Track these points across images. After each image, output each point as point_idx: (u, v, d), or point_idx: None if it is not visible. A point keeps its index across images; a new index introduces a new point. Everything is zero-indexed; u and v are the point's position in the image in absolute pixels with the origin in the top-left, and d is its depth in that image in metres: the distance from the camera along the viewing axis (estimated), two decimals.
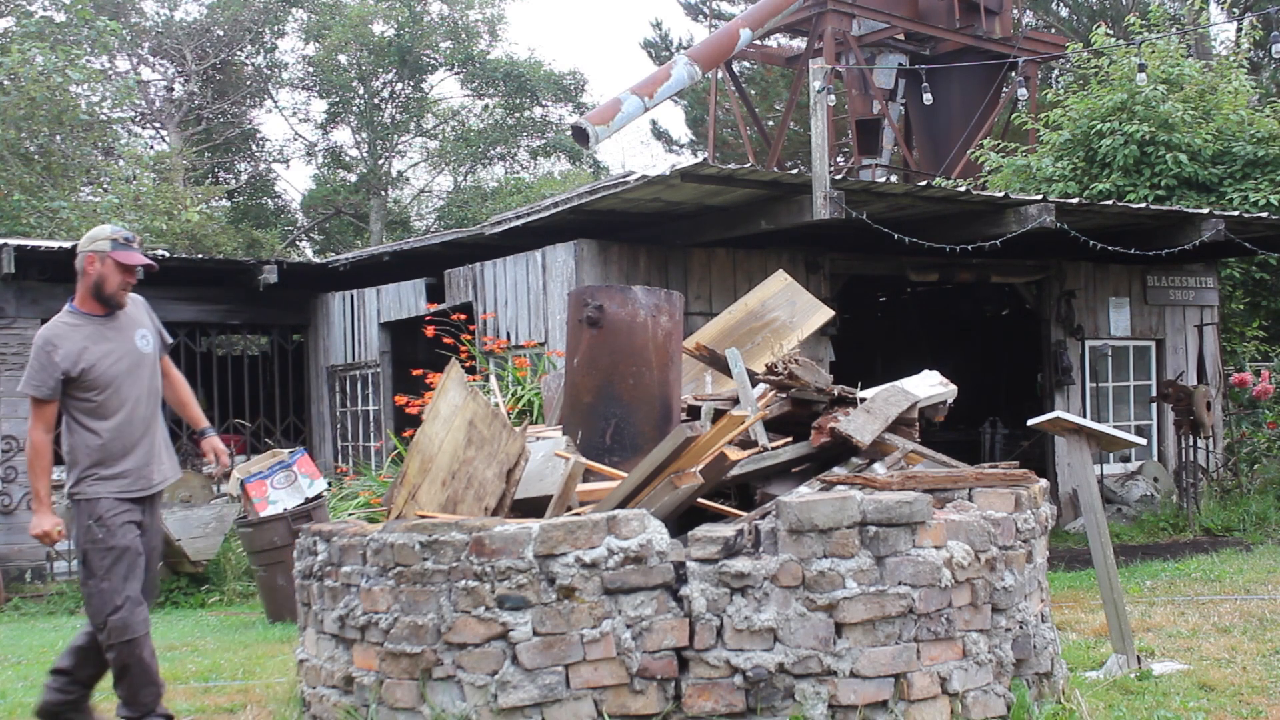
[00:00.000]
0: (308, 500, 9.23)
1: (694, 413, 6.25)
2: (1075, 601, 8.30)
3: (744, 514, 5.26)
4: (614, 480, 5.19)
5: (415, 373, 10.68)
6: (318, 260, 17.71)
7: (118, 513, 5.11)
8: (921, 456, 5.78)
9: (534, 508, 5.12)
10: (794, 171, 9.82)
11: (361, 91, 30.14)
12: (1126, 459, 13.69)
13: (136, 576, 5.11)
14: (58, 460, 5.21)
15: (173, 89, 28.43)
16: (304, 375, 14.20)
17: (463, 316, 11.06)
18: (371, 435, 13.11)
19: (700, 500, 5.25)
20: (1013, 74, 19.41)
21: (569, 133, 18.15)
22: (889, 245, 10.31)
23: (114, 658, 5.07)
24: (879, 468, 5.57)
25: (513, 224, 10.42)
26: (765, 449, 5.81)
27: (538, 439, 5.61)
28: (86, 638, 5.24)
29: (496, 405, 5.68)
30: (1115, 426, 10.80)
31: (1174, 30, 17.20)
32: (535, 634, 4.43)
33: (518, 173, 32.55)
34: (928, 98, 15.88)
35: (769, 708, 4.38)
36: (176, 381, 5.61)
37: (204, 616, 9.83)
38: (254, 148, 31.62)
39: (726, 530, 4.59)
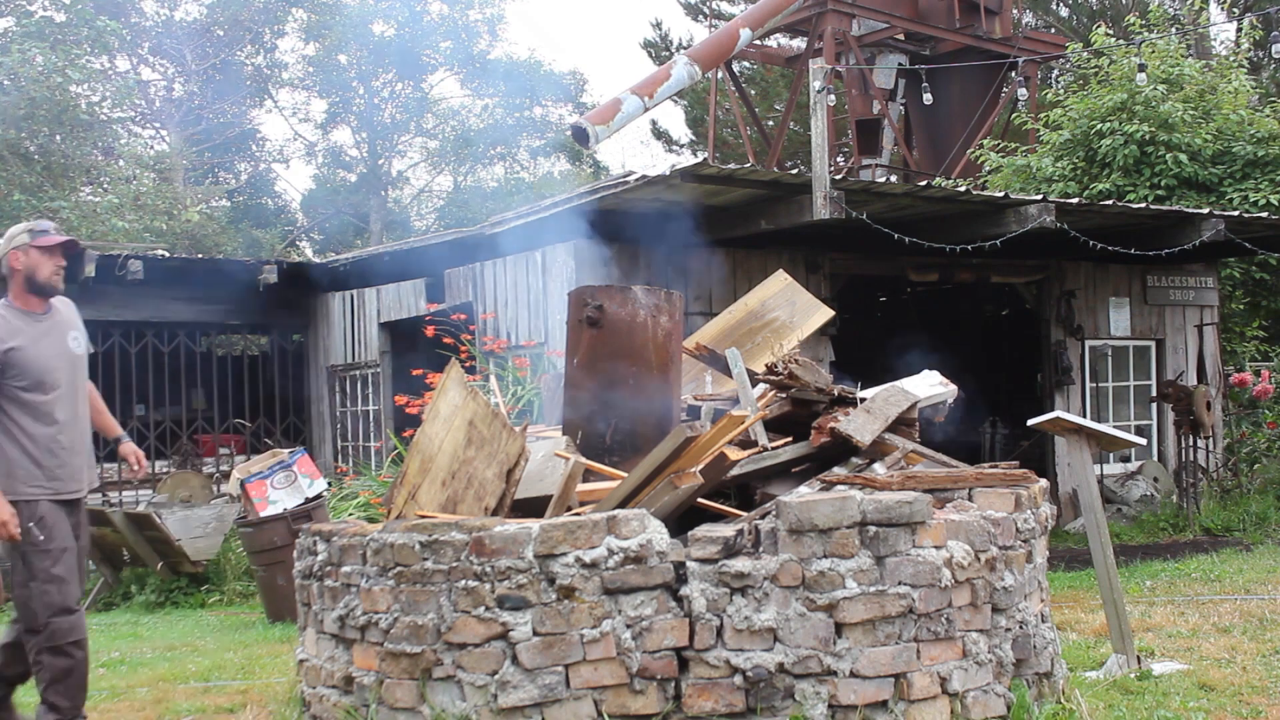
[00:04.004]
0: (308, 500, 9.24)
1: (694, 413, 6.25)
2: (1075, 601, 8.30)
3: (744, 514, 5.26)
4: (614, 480, 5.19)
5: (415, 373, 10.68)
6: (318, 260, 17.70)
7: (58, 515, 5.07)
8: (921, 456, 5.77)
9: (534, 508, 5.11)
10: (794, 171, 9.81)
11: (361, 91, 30.12)
12: (1126, 459, 13.69)
13: (79, 579, 5.13)
14: None
15: (173, 89, 28.42)
16: (304, 375, 14.20)
17: (463, 316, 11.06)
18: (371, 435, 13.11)
19: (700, 500, 5.25)
20: (1013, 74, 19.39)
21: (569, 133, 18.13)
22: (889, 245, 10.31)
23: (57, 660, 5.00)
24: (879, 468, 5.57)
25: (513, 224, 10.41)
26: (765, 449, 5.81)
27: (538, 439, 5.61)
28: (15, 636, 5.19)
29: (496, 405, 5.68)
30: (1115, 426, 10.80)
31: (1174, 30, 17.20)
32: (535, 634, 4.43)
33: (518, 173, 32.53)
34: (928, 98, 15.88)
35: (769, 708, 4.38)
36: (90, 388, 5.49)
37: (204, 616, 9.83)
38: (254, 148, 31.59)
39: (726, 530, 4.59)
